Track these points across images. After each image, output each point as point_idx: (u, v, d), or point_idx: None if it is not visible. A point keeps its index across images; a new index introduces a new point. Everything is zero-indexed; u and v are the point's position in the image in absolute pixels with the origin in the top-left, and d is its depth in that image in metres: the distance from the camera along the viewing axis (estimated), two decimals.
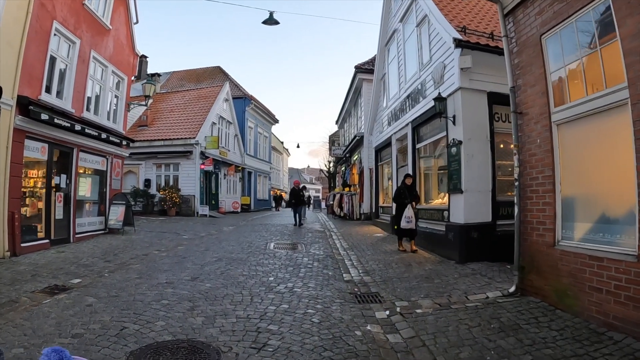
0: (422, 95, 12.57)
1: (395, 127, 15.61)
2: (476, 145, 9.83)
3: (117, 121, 16.06)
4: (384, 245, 12.49)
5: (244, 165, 34.93)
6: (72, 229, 12.91)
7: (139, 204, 24.35)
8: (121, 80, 16.28)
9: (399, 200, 11.35)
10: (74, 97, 12.91)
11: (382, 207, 18.83)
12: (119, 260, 9.97)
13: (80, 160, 13.49)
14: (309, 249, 12.05)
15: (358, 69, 23.13)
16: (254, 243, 13.00)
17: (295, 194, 19.88)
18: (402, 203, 11.21)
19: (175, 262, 9.69)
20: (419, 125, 12.96)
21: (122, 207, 14.89)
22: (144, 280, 7.87)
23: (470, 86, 9.98)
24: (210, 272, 8.55)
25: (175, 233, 15.54)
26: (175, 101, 30.75)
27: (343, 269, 9.23)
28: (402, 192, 11.35)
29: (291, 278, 8.19)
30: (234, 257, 10.43)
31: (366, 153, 22.32)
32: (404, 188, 11.36)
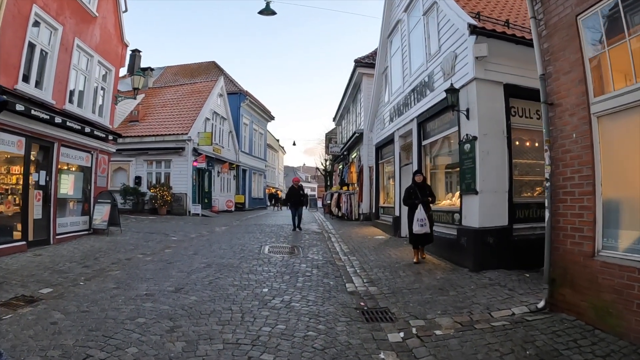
0: (430, 88, 11.69)
1: (398, 123, 14.72)
2: (492, 141, 8.97)
3: (104, 115, 15.12)
4: (387, 250, 11.60)
5: (238, 162, 33.96)
6: (52, 229, 12.01)
7: (129, 202, 23.44)
8: (108, 71, 15.34)
9: (410, 201, 9.87)
10: (55, 88, 12.02)
11: (382, 208, 17.93)
12: (98, 266, 9.07)
13: (62, 155, 12.55)
14: (306, 254, 11.15)
15: (358, 62, 22.25)
16: (247, 246, 12.09)
17: (294, 193, 17.67)
18: (413, 204, 9.74)
19: (159, 269, 8.78)
20: (426, 120, 12.07)
21: (108, 206, 13.96)
22: (122, 291, 6.96)
23: (486, 77, 9.11)
24: (197, 282, 7.63)
25: (164, 234, 14.61)
26: (167, 96, 29.78)
27: (345, 278, 8.32)
28: (412, 191, 9.88)
29: (288, 289, 7.26)
30: (225, 262, 9.52)
31: (366, 151, 21.43)
32: (414, 187, 9.89)
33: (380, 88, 18.24)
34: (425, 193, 9.79)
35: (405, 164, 14.33)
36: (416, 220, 9.52)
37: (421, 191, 9.76)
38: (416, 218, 9.52)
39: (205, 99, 27.54)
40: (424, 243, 9.82)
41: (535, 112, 9.67)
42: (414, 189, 9.87)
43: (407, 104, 13.76)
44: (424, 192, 9.79)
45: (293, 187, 17.88)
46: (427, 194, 9.85)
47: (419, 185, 9.86)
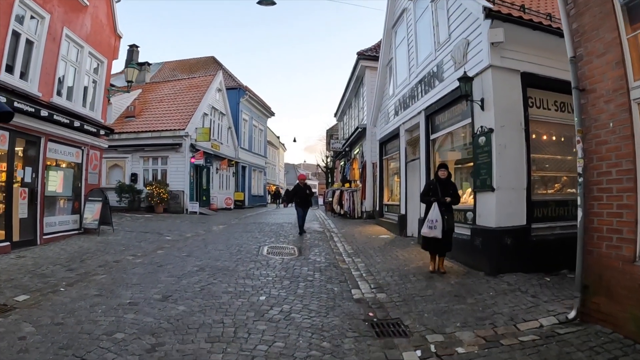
0: (439, 79, 11.00)
1: (404, 116, 14.02)
2: (509, 134, 8.30)
3: (95, 109, 14.41)
4: (394, 250, 10.90)
5: (237, 159, 33.21)
6: (39, 229, 11.34)
7: (125, 200, 22.78)
8: (100, 63, 14.63)
9: (427, 197, 8.47)
10: (41, 80, 11.34)
11: (387, 205, 17.21)
12: (83, 269, 8.40)
13: (50, 151, 11.88)
14: (308, 255, 10.47)
15: (360, 55, 21.50)
16: (244, 247, 11.40)
17: (300, 192, 15.21)
18: (429, 202, 8.34)
19: (148, 273, 8.09)
20: (435, 113, 11.37)
21: (99, 204, 13.27)
22: (103, 299, 6.29)
23: (502, 64, 8.43)
24: (188, 288, 6.94)
25: (158, 233, 13.93)
26: (165, 91, 29.03)
27: (351, 283, 7.63)
28: (432, 187, 8.45)
29: (288, 297, 6.57)
30: (220, 265, 8.83)
31: (369, 146, 20.69)
32: (435, 183, 8.46)
33: (384, 81, 17.52)
34: (446, 192, 8.22)
35: (411, 159, 13.63)
36: (427, 220, 8.23)
37: (443, 189, 8.25)
38: (428, 218, 8.20)
39: (203, 94, 26.79)
40: (434, 249, 8.35)
41: (554, 103, 9.08)
42: (434, 185, 8.45)
43: (413, 97, 13.07)
44: (445, 190, 8.24)
45: (298, 185, 15.47)
46: (450, 193, 8.23)
47: (442, 182, 8.37)
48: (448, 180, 8.55)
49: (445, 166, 8.65)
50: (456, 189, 8.62)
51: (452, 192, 8.34)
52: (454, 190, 8.42)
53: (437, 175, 8.59)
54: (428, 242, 8.36)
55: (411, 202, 13.42)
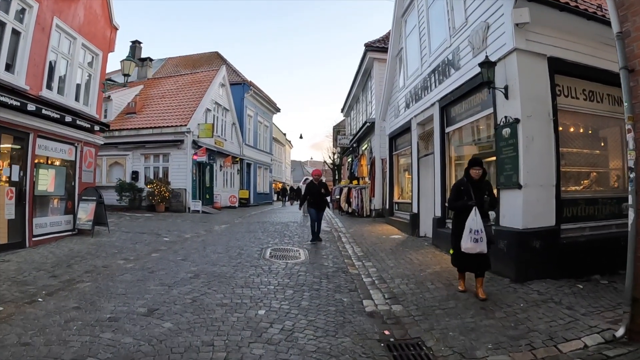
0: (455, 67, 10.17)
1: (415, 109, 13.18)
2: (537, 124, 7.48)
3: (90, 103, 13.66)
4: (407, 253, 10.08)
5: (242, 156, 32.40)
6: (27, 230, 10.62)
7: (125, 198, 22.04)
8: (95, 56, 13.88)
9: (459, 203, 6.66)
10: (29, 72, 10.60)
11: (398, 204, 16.36)
12: (68, 275, 7.69)
13: (39, 148, 11.16)
14: (314, 258, 9.70)
15: (368, 47, 20.62)
16: (245, 249, 10.63)
17: (314, 191, 12.70)
18: (464, 207, 6.52)
19: (137, 280, 7.32)
20: (450, 103, 10.54)
21: (93, 203, 12.52)
22: (81, 313, 5.53)
23: (527, 48, 7.60)
24: (178, 300, 6.16)
25: (156, 234, 13.17)
26: (166, 87, 28.28)
27: (362, 292, 6.82)
28: (463, 189, 6.69)
29: (290, 310, 5.76)
30: (217, 271, 8.05)
31: (377, 141, 19.83)
32: (466, 183, 6.69)
33: (393, 72, 16.66)
34: (482, 194, 6.57)
35: (424, 154, 12.81)
36: (468, 231, 6.33)
37: (477, 190, 6.59)
38: (468, 228, 6.33)
39: (205, 89, 25.99)
40: (476, 268, 6.52)
41: (582, 91, 8.31)
42: (466, 186, 6.68)
43: (426, 87, 12.23)
44: (480, 191, 6.59)
45: (312, 183, 12.97)
46: (486, 194, 6.62)
47: (475, 182, 6.65)
48: (483, 180, 6.74)
49: (479, 163, 6.70)
50: (492, 189, 6.85)
51: (489, 194, 6.66)
52: (490, 192, 6.73)
53: (468, 175, 6.73)
54: (468, 259, 6.50)
55: (424, 200, 12.62)
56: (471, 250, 6.31)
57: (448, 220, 10.55)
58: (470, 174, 6.68)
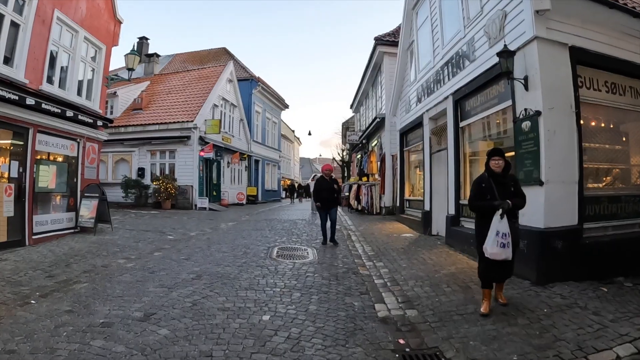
0: (469, 59, 9.72)
1: (428, 103, 12.73)
2: (558, 117, 7.02)
3: (92, 98, 13.33)
4: (419, 252, 9.64)
5: (250, 152, 32.04)
6: (27, 228, 10.30)
7: (131, 195, 21.75)
8: (98, 50, 13.53)
9: (482, 203, 5.64)
10: (28, 66, 10.28)
11: (409, 201, 15.91)
12: (65, 275, 7.35)
13: (40, 143, 10.83)
14: (323, 258, 9.29)
15: (378, 40, 20.14)
16: (252, 248, 10.24)
17: (325, 187, 11.44)
18: (489, 208, 5.50)
19: (136, 281, 6.96)
20: (465, 97, 10.08)
21: (95, 200, 12.18)
22: (74, 318, 5.19)
23: (548, 36, 7.13)
24: (177, 303, 5.77)
25: (160, 232, 12.82)
26: (173, 82, 27.99)
27: (374, 295, 6.39)
28: (485, 186, 5.63)
29: (297, 316, 5.36)
30: (220, 272, 7.66)
31: (388, 137, 19.38)
32: (488, 179, 5.66)
33: (404, 66, 16.20)
34: (507, 190, 5.51)
35: (436, 150, 12.36)
36: (494, 234, 5.35)
37: (501, 187, 5.53)
38: (494, 231, 5.35)
39: (213, 85, 25.66)
40: (502, 277, 5.75)
41: (604, 83, 7.83)
42: (487, 182, 5.63)
43: (439, 81, 11.78)
44: (504, 187, 5.53)
45: (323, 179, 11.68)
46: (512, 192, 5.54)
47: (498, 177, 5.60)
48: (506, 174, 5.69)
49: (499, 152, 5.68)
50: (518, 184, 5.79)
51: (515, 189, 5.61)
52: (517, 188, 5.67)
53: (488, 168, 5.70)
54: (494, 267, 5.53)
55: (436, 197, 12.19)
56: (496, 257, 5.37)
57: (462, 218, 10.13)
58: (490, 167, 5.66)
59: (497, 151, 5.73)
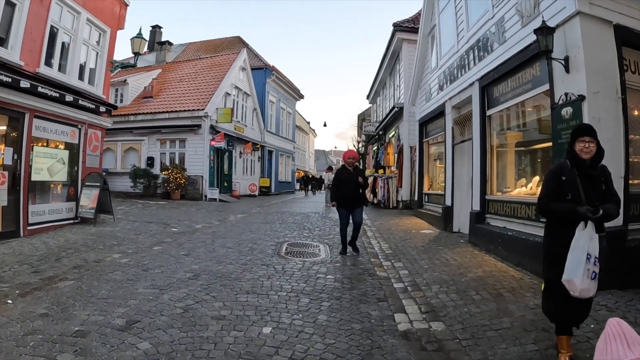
0: (498, 41, 8.86)
1: (450, 90, 11.87)
2: (604, 103, 6.16)
3: (96, 83, 12.67)
4: (441, 251, 8.83)
5: (263, 143, 31.34)
6: (22, 219, 9.69)
7: (140, 185, 21.16)
8: (102, 32, 12.85)
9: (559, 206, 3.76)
10: (24, 47, 9.69)
11: (428, 195, 15.05)
12: (52, 271, 6.70)
13: (37, 129, 10.22)
14: (336, 256, 8.52)
15: (397, 27, 19.23)
16: (259, 243, 9.50)
17: (347, 180, 8.82)
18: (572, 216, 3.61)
19: (126, 280, 6.24)
20: (493, 82, 9.21)
21: (96, 190, 11.52)
22: (47, 323, 4.50)
23: (592, 12, 6.28)
24: (166, 308, 5.03)
25: (164, 224, 12.14)
26: (185, 70, 27.33)
27: (393, 302, 5.59)
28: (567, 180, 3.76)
29: (304, 328, 4.58)
30: (221, 271, 6.92)
31: (406, 128, 18.52)
32: (571, 171, 3.77)
33: (425, 53, 15.30)
34: (597, 188, 3.77)
35: (459, 141, 11.51)
36: (584, 259, 3.51)
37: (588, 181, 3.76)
38: (584, 253, 3.52)
39: (225, 73, 24.97)
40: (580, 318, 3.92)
41: None
42: (571, 175, 3.77)
43: (463, 66, 10.92)
44: (594, 184, 3.77)
45: (344, 169, 9.08)
46: (603, 191, 3.79)
47: (584, 167, 3.77)
48: (596, 165, 3.81)
49: (590, 132, 3.80)
50: (611, 182, 3.91)
51: (606, 188, 3.81)
52: (608, 186, 3.84)
53: (573, 156, 3.80)
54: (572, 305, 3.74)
55: (458, 191, 11.38)
56: (586, 294, 3.55)
57: (488, 215, 9.31)
58: (575, 152, 3.78)
59: (586, 129, 3.85)
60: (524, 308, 5.24)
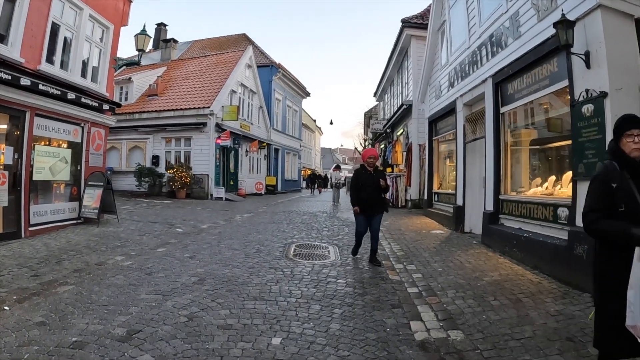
0: (513, 36, 8.55)
1: (461, 87, 11.56)
2: (626, 101, 5.80)
3: (99, 80, 12.41)
4: (454, 253, 8.55)
5: (269, 141, 31.00)
6: (23, 219, 9.46)
7: (145, 184, 20.91)
8: (105, 29, 12.57)
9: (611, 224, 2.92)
10: (25, 44, 9.43)
11: (438, 194, 14.72)
12: (52, 275, 6.45)
13: (38, 127, 9.99)
14: (346, 258, 8.22)
15: (405, 23, 18.90)
16: (266, 245, 9.23)
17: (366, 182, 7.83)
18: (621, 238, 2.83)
19: (128, 285, 5.98)
20: (507, 79, 8.90)
21: (100, 189, 11.28)
22: (43, 333, 4.26)
23: (613, 5, 5.97)
24: (169, 317, 4.76)
25: (169, 224, 11.89)
26: (190, 68, 27.05)
27: (408, 309, 5.31)
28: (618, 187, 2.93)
29: (316, 339, 4.29)
30: (227, 275, 6.65)
31: (415, 126, 18.19)
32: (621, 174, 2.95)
33: (434, 49, 14.98)
34: None
35: (471, 139, 11.20)
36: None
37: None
38: None
39: (231, 70, 24.68)
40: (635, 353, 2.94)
41: None
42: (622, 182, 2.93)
43: (475, 62, 10.61)
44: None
45: (364, 170, 8.02)
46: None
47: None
48: None
49: None
50: None
51: None
52: None
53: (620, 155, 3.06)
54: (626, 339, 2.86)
55: (470, 191, 11.08)
56: None
57: (502, 215, 9.01)
58: (622, 151, 3.06)
59: (636, 120, 3.09)
60: (545, 315, 4.95)
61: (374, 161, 8.05)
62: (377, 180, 7.77)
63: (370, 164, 7.97)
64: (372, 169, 7.96)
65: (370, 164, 7.97)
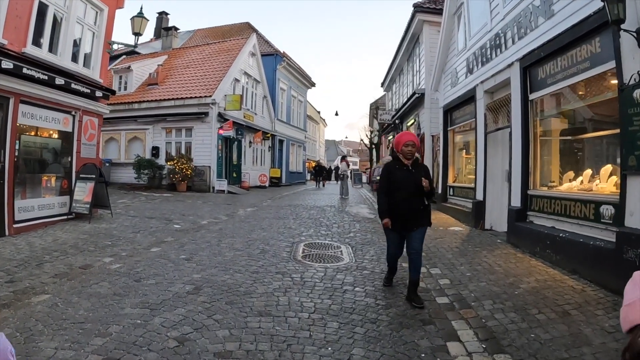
0: (544, 15, 7.69)
1: (482, 73, 10.68)
2: None
3: (92, 66, 11.59)
4: (478, 253, 7.72)
5: (274, 132, 30.07)
6: (7, 216, 8.68)
7: (144, 176, 20.09)
8: (99, 11, 11.74)
9: None
10: (8, 24, 8.60)
11: (453, 188, 13.85)
12: (28, 282, 5.66)
13: (24, 116, 9.22)
14: (362, 260, 7.35)
15: (417, 7, 17.90)
16: (271, 244, 8.42)
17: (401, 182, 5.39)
18: None
19: (112, 295, 5.15)
20: (538, 62, 8.02)
21: (92, 182, 10.48)
22: None
23: None
24: (155, 340, 3.93)
25: (167, 220, 11.07)
26: (192, 56, 26.10)
27: (441, 326, 4.47)
28: None
29: None
30: (227, 282, 5.82)
31: (427, 116, 17.26)
32: None
33: (450, 34, 14.06)
34: None
35: (493, 129, 10.35)
36: None
37: None
38: None
39: (234, 58, 23.71)
40: None
41: None
42: None
43: (498, 46, 9.74)
44: None
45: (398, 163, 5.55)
46: None
47: None
48: None
49: None
50: None
51: None
52: None
53: None
54: None
55: (491, 185, 10.27)
56: None
57: (531, 212, 8.18)
58: None
59: None
60: (600, 332, 4.17)
61: (414, 150, 5.51)
62: (418, 178, 5.30)
63: (407, 154, 5.47)
64: (409, 162, 5.49)
65: (407, 154, 5.47)
